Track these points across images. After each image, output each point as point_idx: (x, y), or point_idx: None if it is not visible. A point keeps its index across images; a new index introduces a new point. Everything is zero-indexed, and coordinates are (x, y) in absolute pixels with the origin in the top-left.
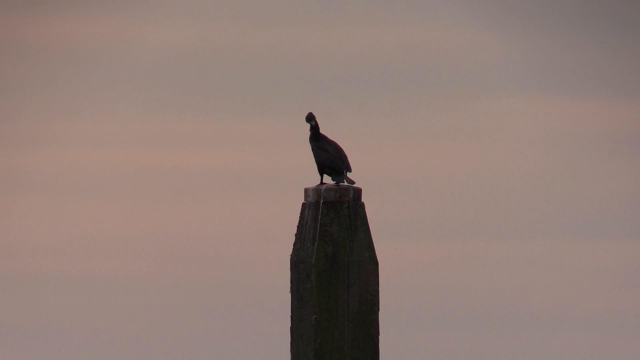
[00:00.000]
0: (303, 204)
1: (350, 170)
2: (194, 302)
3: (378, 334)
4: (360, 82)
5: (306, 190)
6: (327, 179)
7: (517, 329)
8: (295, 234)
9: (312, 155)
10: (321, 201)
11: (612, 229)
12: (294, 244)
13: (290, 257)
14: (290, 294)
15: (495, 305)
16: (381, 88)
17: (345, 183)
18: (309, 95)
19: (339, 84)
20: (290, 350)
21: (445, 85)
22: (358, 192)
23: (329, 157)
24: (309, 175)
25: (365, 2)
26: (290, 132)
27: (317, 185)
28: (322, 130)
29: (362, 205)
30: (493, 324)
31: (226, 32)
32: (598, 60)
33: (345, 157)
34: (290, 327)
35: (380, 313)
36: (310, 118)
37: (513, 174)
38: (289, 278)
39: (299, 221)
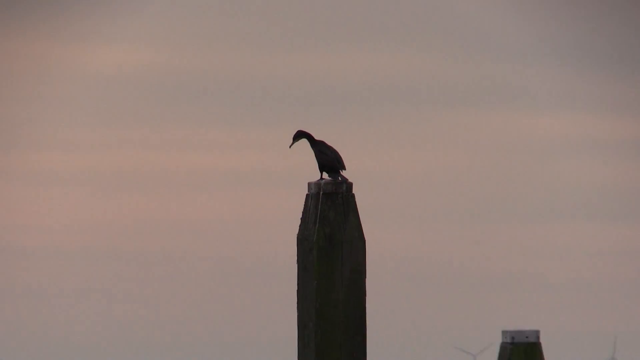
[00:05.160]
0: (307, 195)
1: (344, 169)
2: (219, 273)
3: (365, 295)
4: (352, 98)
5: (309, 184)
6: (325, 176)
7: (475, 293)
8: (301, 218)
9: (315, 157)
10: (321, 192)
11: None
12: (300, 226)
13: (296, 236)
14: (296, 265)
15: (461, 274)
16: (370, 102)
17: (340, 179)
18: (311, 110)
19: (336, 100)
20: (297, 309)
21: (419, 101)
22: (350, 185)
23: (328, 159)
24: (311, 172)
25: (343, 28)
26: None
27: (318, 180)
28: (322, 137)
29: (353, 196)
30: (458, 289)
31: (236, 55)
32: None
33: (341, 158)
34: (297, 291)
35: (366, 280)
36: (295, 138)
37: (464, 174)
38: (296, 252)
39: (304, 208)
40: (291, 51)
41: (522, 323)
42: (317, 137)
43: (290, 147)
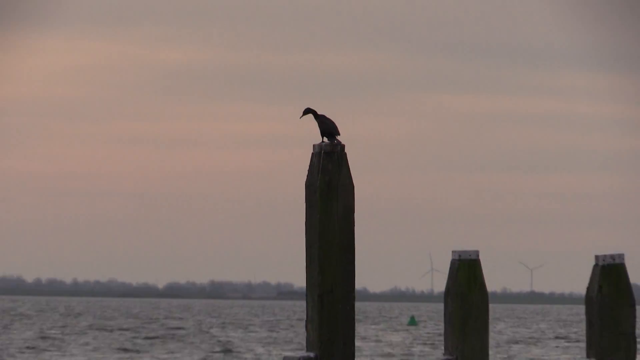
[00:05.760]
0: (312, 153)
1: (339, 134)
2: (248, 210)
3: (353, 225)
4: (346, 83)
5: (314, 145)
6: (325, 139)
7: (442, 224)
8: (308, 169)
9: (318, 125)
10: (322, 151)
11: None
12: (307, 175)
13: (305, 182)
14: (305, 203)
15: (424, 210)
16: (359, 86)
17: (336, 142)
18: (317, 92)
19: (334, 85)
20: (305, 234)
21: (397, 85)
22: (343, 146)
23: (328, 127)
24: (315, 137)
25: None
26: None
27: (320, 143)
28: (323, 111)
29: (345, 154)
30: (421, 221)
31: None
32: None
33: (337, 127)
34: (305, 221)
35: (355, 215)
36: (304, 112)
37: (426, 139)
38: (305, 193)
39: (310, 162)
40: (300, 47)
41: (467, 245)
42: (319, 112)
43: (300, 118)
